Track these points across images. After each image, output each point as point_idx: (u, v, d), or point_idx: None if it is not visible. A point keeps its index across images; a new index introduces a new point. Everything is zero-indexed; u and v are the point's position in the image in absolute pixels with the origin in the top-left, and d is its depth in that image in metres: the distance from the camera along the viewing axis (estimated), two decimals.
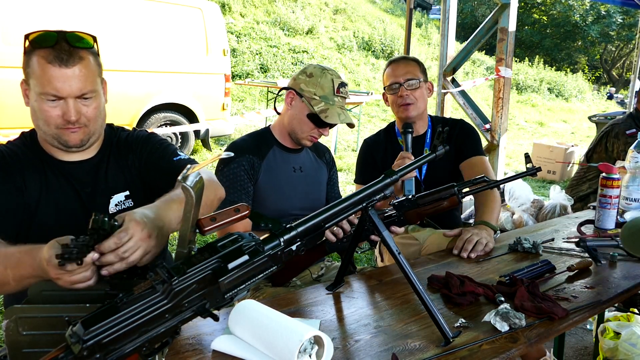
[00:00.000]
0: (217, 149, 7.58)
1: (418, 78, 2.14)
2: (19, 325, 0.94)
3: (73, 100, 1.34)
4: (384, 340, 1.15)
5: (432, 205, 1.66)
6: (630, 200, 2.09)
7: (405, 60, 2.20)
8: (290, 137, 1.93)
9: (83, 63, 1.33)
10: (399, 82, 2.13)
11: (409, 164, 1.34)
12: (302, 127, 1.87)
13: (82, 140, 1.41)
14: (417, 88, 2.13)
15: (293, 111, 1.88)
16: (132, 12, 6.03)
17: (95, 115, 1.40)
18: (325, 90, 1.83)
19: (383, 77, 2.26)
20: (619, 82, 25.87)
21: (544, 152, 7.68)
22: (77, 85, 1.33)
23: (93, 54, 1.39)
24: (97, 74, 1.39)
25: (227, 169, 1.83)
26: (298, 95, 1.87)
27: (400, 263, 1.18)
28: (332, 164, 2.14)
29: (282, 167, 1.91)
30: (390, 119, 11.12)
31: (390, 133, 2.32)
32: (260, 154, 1.88)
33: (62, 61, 1.30)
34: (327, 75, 1.85)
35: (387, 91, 2.20)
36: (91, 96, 1.37)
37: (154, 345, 0.76)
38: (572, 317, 1.31)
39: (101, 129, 1.47)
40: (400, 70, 2.15)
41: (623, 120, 3.44)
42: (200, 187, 0.92)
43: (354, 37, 15.31)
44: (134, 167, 1.53)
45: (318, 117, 1.82)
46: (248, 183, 1.83)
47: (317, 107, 1.82)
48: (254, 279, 0.86)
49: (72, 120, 1.34)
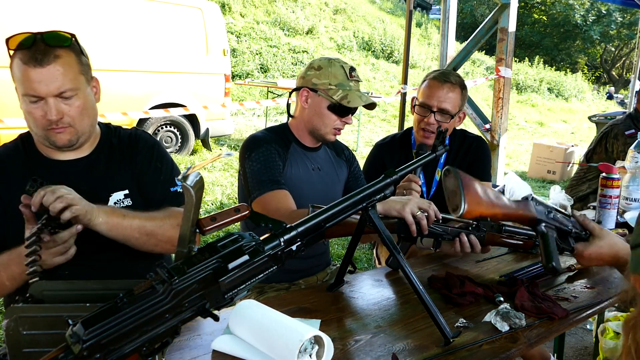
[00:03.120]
0: (217, 149, 7.58)
1: (453, 112, 1.99)
2: (19, 324, 0.94)
3: (53, 99, 1.32)
4: (384, 340, 1.15)
5: (510, 238, 1.61)
6: (630, 200, 2.09)
7: (450, 84, 1.99)
8: (312, 135, 1.85)
9: (60, 61, 1.32)
10: (432, 109, 1.98)
11: (409, 163, 1.34)
12: (324, 121, 1.79)
13: (70, 141, 1.39)
14: (447, 122, 2.00)
15: (311, 108, 1.80)
16: (132, 12, 6.03)
17: (79, 114, 1.38)
18: (339, 78, 1.76)
19: (420, 87, 2.08)
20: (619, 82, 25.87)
21: (544, 152, 7.68)
22: (55, 84, 1.31)
23: (74, 52, 1.37)
24: (78, 72, 1.37)
25: (256, 153, 1.74)
26: (312, 91, 1.79)
27: (401, 263, 1.18)
28: (352, 159, 2.05)
29: (301, 164, 1.84)
30: (390, 119, 11.13)
31: (405, 141, 2.21)
32: (283, 146, 1.81)
33: (37, 61, 1.29)
34: (335, 63, 1.79)
35: (416, 107, 2.05)
36: (72, 94, 1.35)
37: (154, 345, 0.76)
38: (572, 317, 1.31)
39: (92, 128, 1.45)
40: (440, 95, 1.98)
41: (622, 121, 3.44)
42: (200, 187, 0.92)
43: (354, 37, 15.32)
44: (137, 169, 1.52)
45: (339, 106, 1.75)
46: (280, 163, 1.75)
47: (336, 96, 1.75)
48: (254, 279, 0.86)
49: (53, 120, 1.33)
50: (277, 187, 1.67)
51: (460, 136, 2.19)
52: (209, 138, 6.88)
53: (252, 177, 1.71)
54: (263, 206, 1.65)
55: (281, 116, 9.64)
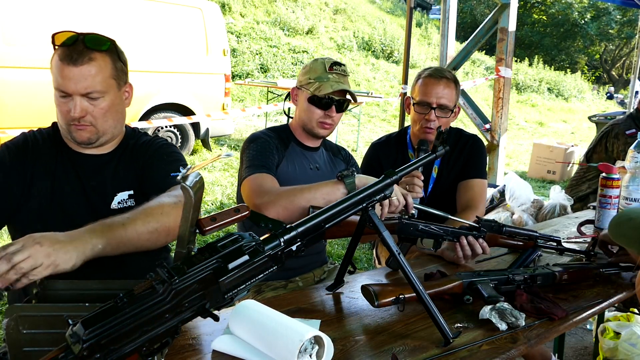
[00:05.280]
0: (217, 149, 7.59)
1: (451, 106, 2.02)
2: (19, 323, 0.94)
3: (79, 97, 1.40)
4: (384, 340, 1.15)
5: (510, 238, 1.62)
6: (630, 200, 2.09)
7: (446, 80, 2.02)
8: (306, 132, 1.91)
9: (93, 64, 1.39)
10: (431, 105, 2.00)
11: (410, 163, 1.34)
12: (308, 115, 1.85)
13: (89, 139, 1.46)
14: (447, 117, 2.03)
15: (299, 105, 1.89)
16: (132, 12, 6.02)
17: (103, 115, 1.45)
18: (318, 72, 1.83)
19: (414, 86, 2.09)
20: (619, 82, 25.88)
21: (544, 152, 7.68)
22: (83, 84, 1.39)
23: (110, 56, 1.44)
24: (109, 76, 1.44)
25: (254, 143, 1.81)
26: (298, 89, 1.88)
27: (401, 263, 1.18)
28: (348, 158, 2.10)
29: (299, 163, 1.89)
30: (390, 119, 11.12)
31: (401, 141, 2.22)
32: (283, 143, 1.88)
33: (72, 59, 1.37)
34: (318, 60, 1.87)
35: (414, 106, 2.06)
36: (99, 96, 1.42)
37: (153, 345, 0.76)
38: (572, 317, 1.31)
39: (114, 130, 1.52)
40: (438, 91, 2.00)
41: (623, 121, 3.44)
42: (200, 187, 0.93)
43: (354, 37, 15.32)
44: (140, 169, 1.56)
45: (317, 99, 1.81)
46: (275, 155, 1.81)
47: (312, 88, 1.82)
48: (254, 279, 0.86)
49: (75, 117, 1.41)
50: (267, 172, 1.71)
51: (456, 134, 2.20)
52: (209, 138, 6.88)
53: (246, 162, 1.77)
54: (249, 185, 1.67)
55: (281, 116, 9.64)
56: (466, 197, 2.08)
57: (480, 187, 2.11)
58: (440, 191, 2.14)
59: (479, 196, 2.08)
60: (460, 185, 2.11)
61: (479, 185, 2.11)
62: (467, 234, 1.57)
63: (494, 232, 1.59)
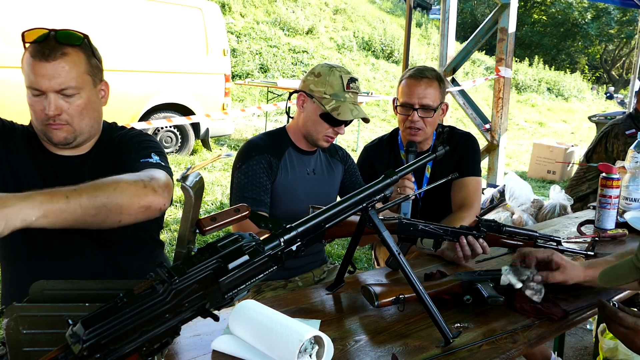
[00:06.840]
0: (217, 149, 7.59)
1: (435, 105, 2.00)
2: (19, 323, 0.94)
3: (54, 94, 1.33)
4: (384, 340, 1.16)
5: (511, 238, 1.61)
6: (630, 200, 2.09)
7: (427, 80, 2.00)
8: (306, 139, 1.88)
9: (66, 59, 1.33)
10: (413, 106, 1.99)
11: (410, 164, 1.34)
12: (316, 128, 1.82)
13: (66, 139, 1.39)
14: (431, 117, 2.02)
15: (306, 113, 1.83)
16: (132, 12, 6.03)
17: (79, 113, 1.38)
18: (335, 88, 1.78)
19: (398, 88, 2.10)
20: (619, 82, 25.88)
21: (544, 152, 7.68)
22: (57, 80, 1.32)
23: (84, 52, 1.38)
24: (83, 72, 1.37)
25: (246, 166, 1.78)
26: (308, 96, 1.81)
27: (401, 263, 1.18)
28: (346, 157, 2.08)
29: (296, 169, 1.88)
30: (390, 119, 11.13)
31: (393, 142, 2.22)
32: (277, 153, 1.84)
33: (44, 55, 1.31)
34: (335, 72, 1.80)
35: (399, 108, 2.07)
36: (74, 93, 1.35)
37: (153, 345, 0.76)
38: (572, 317, 1.31)
39: (91, 129, 1.45)
40: (419, 92, 1.99)
41: (623, 121, 3.44)
42: (200, 187, 0.92)
43: (354, 37, 15.32)
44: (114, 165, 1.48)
45: (331, 115, 1.77)
46: (267, 181, 1.79)
47: (328, 106, 1.76)
48: (254, 279, 0.86)
49: (50, 115, 1.34)
50: (257, 207, 1.73)
51: (448, 132, 2.19)
52: (209, 138, 6.88)
53: (237, 190, 1.76)
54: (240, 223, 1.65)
55: (281, 116, 9.64)
56: (461, 195, 2.07)
57: (474, 185, 2.10)
58: (435, 191, 2.14)
59: (473, 194, 2.08)
60: (455, 184, 2.10)
61: (473, 183, 2.11)
62: (467, 233, 1.57)
63: (493, 232, 1.59)
